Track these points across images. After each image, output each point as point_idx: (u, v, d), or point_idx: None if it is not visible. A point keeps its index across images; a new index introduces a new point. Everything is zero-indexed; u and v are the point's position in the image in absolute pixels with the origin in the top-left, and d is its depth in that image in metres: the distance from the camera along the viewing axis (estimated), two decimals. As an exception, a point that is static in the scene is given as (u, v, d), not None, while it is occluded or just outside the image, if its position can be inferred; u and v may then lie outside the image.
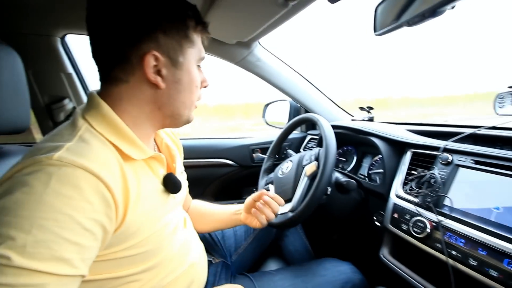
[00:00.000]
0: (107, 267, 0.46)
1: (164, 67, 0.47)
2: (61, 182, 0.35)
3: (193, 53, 0.50)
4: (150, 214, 0.48)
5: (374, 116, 1.24)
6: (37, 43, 0.98)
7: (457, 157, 0.69)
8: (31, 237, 0.32)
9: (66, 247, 0.34)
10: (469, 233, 0.57)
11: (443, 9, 0.44)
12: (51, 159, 0.36)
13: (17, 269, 0.31)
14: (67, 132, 0.43)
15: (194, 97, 0.53)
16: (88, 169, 0.37)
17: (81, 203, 0.36)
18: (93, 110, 0.46)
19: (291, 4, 0.67)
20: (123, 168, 0.43)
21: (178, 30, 0.47)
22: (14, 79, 0.65)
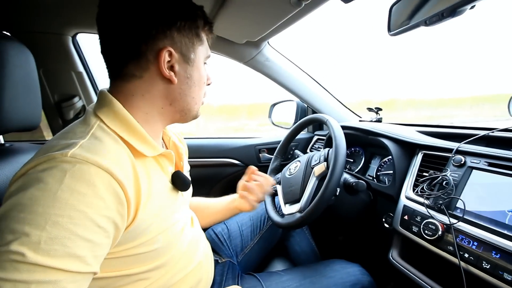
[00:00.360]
0: (118, 265, 0.46)
1: (177, 63, 0.49)
2: (75, 179, 0.35)
3: (202, 51, 0.54)
4: (160, 211, 0.49)
5: (382, 118, 1.23)
6: (49, 42, 1.00)
7: (470, 159, 0.68)
8: (45, 233, 0.32)
9: (79, 244, 0.34)
10: (482, 235, 0.57)
11: (463, 8, 0.43)
12: (65, 155, 0.37)
13: (31, 265, 0.31)
14: (79, 129, 0.44)
15: (202, 93, 0.57)
16: (102, 165, 0.37)
17: (95, 199, 0.36)
18: (105, 108, 0.47)
19: (304, 3, 0.67)
20: (135, 165, 0.44)
21: (190, 28, 0.50)
22: (27, 77, 0.66)
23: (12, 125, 0.62)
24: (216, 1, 0.79)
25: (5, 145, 0.70)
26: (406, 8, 0.59)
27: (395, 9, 0.61)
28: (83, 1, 0.83)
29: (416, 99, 8.00)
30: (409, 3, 0.57)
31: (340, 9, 5.68)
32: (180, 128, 0.63)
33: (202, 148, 1.33)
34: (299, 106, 1.42)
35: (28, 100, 0.67)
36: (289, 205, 0.85)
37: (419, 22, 0.52)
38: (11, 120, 0.61)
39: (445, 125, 0.97)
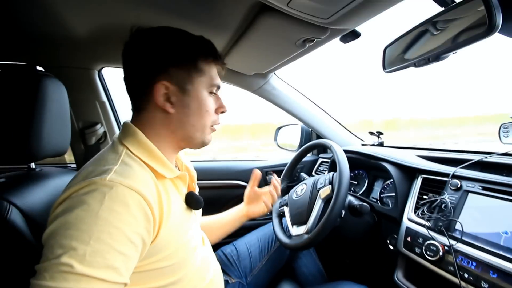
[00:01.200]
0: (140, 279, 0.51)
1: (173, 94, 0.54)
2: (113, 200, 0.41)
3: (203, 81, 0.57)
4: (178, 228, 0.54)
5: (383, 141, 1.29)
6: (78, 75, 1.09)
7: (466, 183, 0.72)
8: (89, 247, 0.37)
9: (116, 257, 0.39)
10: (480, 256, 0.60)
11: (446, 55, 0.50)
12: (104, 180, 0.43)
13: (78, 275, 0.36)
14: (110, 157, 0.50)
15: (205, 121, 0.58)
16: (133, 188, 0.43)
17: (129, 218, 0.41)
18: (130, 137, 0.54)
19: (308, 45, 0.75)
20: (158, 187, 0.50)
21: (187, 63, 0.55)
22: (61, 109, 0.74)
23: (46, 153, 0.69)
24: (230, 40, 0.88)
25: (36, 169, 0.76)
26: (398, 49, 0.67)
27: (388, 50, 0.69)
28: (110, 38, 0.92)
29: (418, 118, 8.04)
30: (400, 45, 0.66)
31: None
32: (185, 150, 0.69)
33: (211, 171, 1.39)
34: (304, 130, 1.49)
35: (61, 130, 0.74)
36: (296, 226, 0.89)
37: (409, 63, 0.60)
38: (46, 149, 0.68)
39: (442, 149, 1.02)
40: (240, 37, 0.82)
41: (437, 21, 0.57)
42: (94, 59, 1.07)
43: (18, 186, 0.64)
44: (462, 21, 0.53)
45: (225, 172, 1.40)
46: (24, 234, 0.56)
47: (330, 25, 0.63)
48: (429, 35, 0.60)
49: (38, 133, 0.65)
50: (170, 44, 0.55)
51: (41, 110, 0.66)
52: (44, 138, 0.67)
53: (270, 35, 0.75)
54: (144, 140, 0.54)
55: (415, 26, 0.61)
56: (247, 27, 0.75)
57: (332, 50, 23.88)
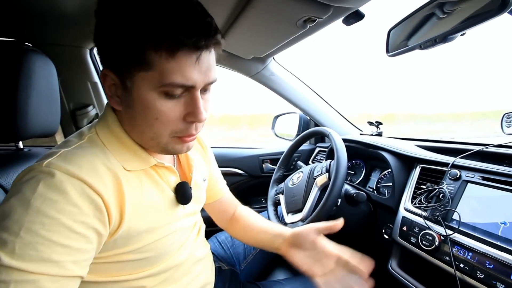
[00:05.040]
0: (109, 270, 0.47)
1: (118, 88, 0.43)
2: (47, 187, 0.36)
3: (148, 78, 0.40)
4: (153, 221, 0.48)
5: (382, 131, 1.27)
6: (68, 54, 1.06)
7: (465, 173, 0.71)
8: (19, 239, 0.33)
9: (54, 249, 0.35)
10: (477, 247, 0.59)
11: (454, 36, 0.48)
12: (41, 166, 0.38)
13: (8, 268, 0.33)
14: (73, 139, 0.45)
15: (158, 130, 0.44)
16: (73, 174, 0.38)
17: (67, 206, 0.37)
18: (102, 120, 0.48)
19: (309, 25, 0.72)
20: (119, 175, 0.44)
21: (126, 51, 0.39)
22: (50, 87, 0.71)
23: (34, 132, 0.66)
24: (227, 19, 0.84)
25: (23, 149, 0.74)
26: (403, 32, 0.64)
27: (393, 32, 0.66)
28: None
29: (416, 113, 8.06)
30: (406, 28, 0.63)
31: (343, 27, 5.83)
32: None
33: None
34: (302, 118, 1.46)
35: (49, 108, 0.71)
36: (291, 214, 0.88)
37: (415, 45, 0.57)
38: (33, 127, 0.66)
39: (442, 140, 1.01)
40: (237, 17, 0.79)
41: (444, 1, 0.55)
42: (86, 37, 1.03)
43: (4, 165, 0.62)
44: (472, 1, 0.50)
45: (220, 159, 1.38)
46: None
47: (333, 2, 0.60)
48: (436, 16, 0.57)
49: (24, 110, 0.62)
50: (122, 22, 0.38)
51: (26, 85, 0.63)
52: (31, 116, 0.64)
53: (269, 14, 0.72)
54: (113, 126, 0.47)
55: (421, 6, 0.58)
56: (245, 6, 0.71)
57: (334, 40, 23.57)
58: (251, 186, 1.44)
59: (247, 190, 1.44)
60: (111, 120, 0.47)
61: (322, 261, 0.58)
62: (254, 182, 1.43)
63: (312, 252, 0.60)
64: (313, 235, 0.60)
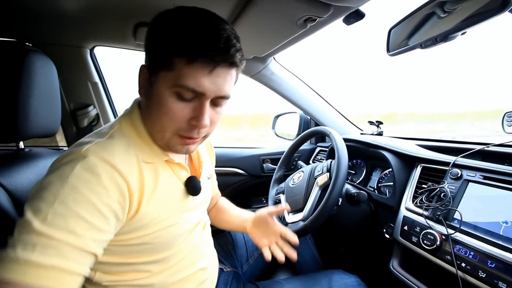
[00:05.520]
0: (121, 252, 0.51)
1: (147, 81, 0.50)
2: (84, 169, 0.42)
3: (167, 77, 0.46)
4: (164, 210, 0.53)
5: (383, 131, 1.27)
6: (69, 54, 1.05)
7: (466, 172, 0.71)
8: (52, 209, 0.39)
9: (79, 223, 0.40)
10: (478, 246, 0.59)
11: (455, 35, 0.48)
12: (80, 151, 0.44)
13: (38, 232, 0.37)
14: (104, 131, 0.52)
15: (164, 124, 0.49)
16: (107, 161, 0.44)
17: (98, 187, 0.42)
18: (127, 115, 0.55)
19: (310, 25, 0.72)
20: (141, 166, 0.50)
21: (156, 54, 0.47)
22: (50, 87, 0.71)
23: (35, 132, 0.66)
24: (227, 19, 0.84)
25: (25, 150, 0.74)
26: (404, 32, 0.64)
27: (393, 31, 0.66)
28: (102, 16, 0.88)
29: (416, 112, 8.05)
30: (406, 27, 0.63)
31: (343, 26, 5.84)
32: None
33: None
34: (302, 118, 1.46)
35: (50, 108, 0.71)
36: (292, 214, 0.88)
37: (415, 44, 0.57)
38: (34, 127, 0.66)
39: (443, 139, 1.01)
40: (237, 16, 0.79)
41: (445, 0, 0.54)
42: (86, 37, 1.03)
43: (5, 165, 0.62)
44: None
45: (221, 159, 1.38)
46: (8, 214, 0.54)
47: (333, 1, 0.60)
48: (436, 15, 0.57)
49: (25, 110, 0.62)
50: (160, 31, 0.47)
51: (27, 85, 0.63)
52: (32, 116, 0.64)
53: (269, 14, 0.72)
54: (135, 121, 0.53)
55: (421, 5, 0.58)
56: (245, 5, 0.71)
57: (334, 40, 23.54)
58: (251, 186, 1.44)
59: (247, 190, 1.44)
60: (135, 115, 0.54)
61: (270, 235, 0.76)
62: (254, 182, 1.43)
63: (264, 229, 0.77)
64: (266, 216, 0.77)
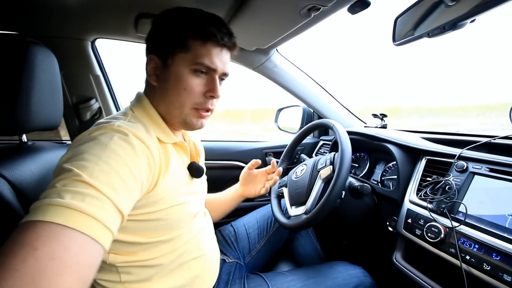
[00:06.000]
0: (134, 229, 0.54)
1: (159, 68, 0.58)
2: (120, 138, 0.46)
3: (185, 58, 0.56)
4: (175, 188, 0.58)
5: (387, 124, 1.26)
6: (71, 46, 1.05)
7: (472, 164, 0.70)
8: (98, 166, 0.41)
9: (118, 181, 0.43)
10: (483, 238, 0.59)
11: (463, 22, 0.46)
12: (113, 125, 0.49)
13: (87, 184, 0.39)
14: (120, 116, 0.56)
15: (184, 100, 0.58)
16: (137, 135, 0.49)
17: (133, 155, 0.46)
18: (137, 103, 0.61)
19: (313, 14, 0.70)
20: (159, 145, 0.55)
21: (173, 39, 0.57)
22: (51, 79, 0.71)
23: (36, 125, 0.66)
24: (229, 11, 0.83)
25: (28, 143, 0.74)
26: (410, 20, 0.62)
27: (400, 20, 0.64)
28: (103, 8, 0.88)
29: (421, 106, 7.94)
30: (413, 15, 0.61)
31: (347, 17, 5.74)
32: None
33: (210, 151, 1.36)
34: (305, 111, 1.45)
35: (51, 101, 0.71)
36: (295, 207, 0.87)
37: (422, 33, 0.55)
38: (36, 120, 0.66)
39: (448, 132, 0.99)
40: (240, 6, 0.77)
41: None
42: (87, 29, 1.02)
43: (8, 158, 0.62)
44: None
45: (224, 152, 1.38)
46: (12, 206, 0.55)
47: (338, -11, 0.58)
48: (444, 3, 0.55)
49: (26, 103, 0.62)
50: (164, 23, 0.58)
51: (29, 78, 0.63)
52: (33, 109, 0.64)
53: (272, 3, 0.70)
54: (147, 106, 0.60)
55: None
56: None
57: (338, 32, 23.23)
58: None
59: (250, 183, 1.44)
60: (145, 102, 0.60)
61: (259, 181, 0.95)
62: None
63: (252, 181, 0.95)
64: (247, 172, 0.95)
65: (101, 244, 0.38)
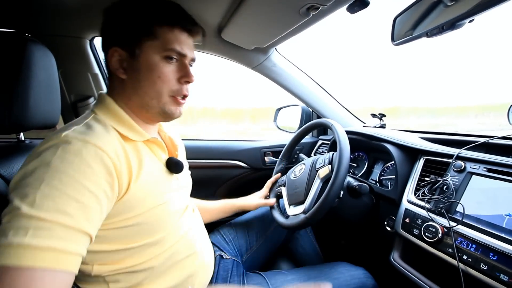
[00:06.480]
0: (118, 237, 0.52)
1: (125, 60, 0.55)
2: (66, 151, 0.43)
3: (154, 45, 0.54)
4: (153, 188, 0.55)
5: (385, 124, 1.26)
6: (68, 44, 1.04)
7: (470, 164, 0.70)
8: (39, 192, 0.39)
9: (69, 203, 0.40)
10: (481, 238, 0.59)
11: (462, 22, 0.46)
12: (60, 136, 0.45)
13: (28, 216, 0.37)
14: (79, 121, 0.53)
15: (159, 88, 0.56)
16: (88, 141, 0.45)
17: (82, 166, 0.43)
18: (100, 104, 0.57)
19: (312, 13, 0.70)
20: (125, 147, 0.51)
21: (138, 28, 0.54)
22: (49, 78, 0.70)
23: (34, 123, 0.66)
24: (228, 9, 0.82)
25: (25, 141, 0.74)
26: (409, 20, 0.62)
27: (398, 20, 0.64)
28: (102, 5, 0.87)
29: (419, 106, 7.96)
30: (412, 15, 0.61)
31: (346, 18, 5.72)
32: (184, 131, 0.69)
33: (208, 150, 1.36)
34: (304, 111, 1.45)
35: (49, 100, 0.71)
36: (293, 206, 0.88)
37: (421, 33, 0.55)
38: (34, 119, 0.65)
39: (446, 132, 0.99)
40: (239, 5, 0.77)
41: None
42: (85, 27, 1.01)
43: (5, 156, 0.62)
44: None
45: (222, 151, 1.38)
46: None
47: (337, -11, 0.58)
48: (443, 3, 0.55)
49: (24, 101, 0.62)
50: (124, 13, 0.56)
51: (26, 76, 0.62)
52: (31, 107, 0.64)
53: (271, 2, 0.70)
54: (111, 106, 0.56)
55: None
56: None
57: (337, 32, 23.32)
58: (253, 179, 1.43)
59: (249, 183, 1.44)
60: (108, 102, 0.57)
61: None
62: (256, 175, 1.42)
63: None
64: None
65: (63, 271, 0.38)
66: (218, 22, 0.93)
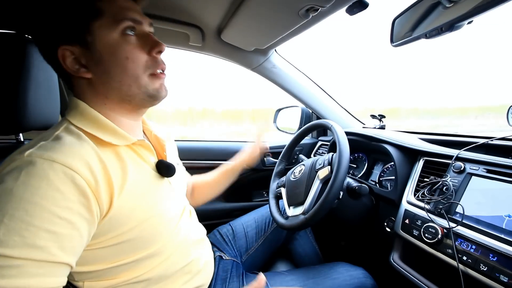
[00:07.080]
0: (109, 255, 0.48)
1: (80, 55, 0.47)
2: (29, 175, 0.37)
3: (105, 24, 0.46)
4: (143, 198, 0.50)
5: (385, 125, 1.26)
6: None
7: (469, 165, 0.70)
8: (3, 226, 0.34)
9: (38, 235, 0.36)
10: (480, 239, 0.59)
11: (461, 24, 0.46)
12: (23, 156, 0.39)
13: None
14: (47, 133, 0.46)
15: (133, 70, 0.49)
16: (55, 159, 0.39)
17: (49, 192, 0.37)
18: (73, 110, 0.50)
19: (312, 15, 0.70)
20: (101, 157, 0.45)
21: (80, 12, 0.45)
22: (48, 79, 0.70)
23: (33, 124, 0.66)
24: (228, 11, 0.83)
25: (24, 142, 0.74)
26: (408, 21, 0.62)
27: (397, 22, 0.64)
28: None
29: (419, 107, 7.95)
30: (411, 16, 0.61)
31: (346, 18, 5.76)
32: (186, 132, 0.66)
33: (208, 151, 1.36)
34: (304, 112, 1.45)
35: (48, 100, 0.71)
36: (293, 207, 0.87)
37: (420, 35, 0.55)
38: (33, 119, 0.65)
39: (446, 133, 0.99)
40: (238, 7, 0.77)
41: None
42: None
43: (4, 157, 0.61)
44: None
45: (222, 152, 1.37)
46: None
47: (336, -10, 0.58)
48: (442, 5, 0.55)
49: (23, 101, 0.62)
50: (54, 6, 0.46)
51: (26, 77, 0.62)
52: (30, 108, 0.64)
53: (271, 3, 0.70)
54: (87, 110, 0.49)
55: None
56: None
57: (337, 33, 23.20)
58: (252, 180, 1.43)
59: (248, 184, 1.44)
60: (82, 107, 0.49)
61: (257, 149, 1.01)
62: (255, 176, 1.42)
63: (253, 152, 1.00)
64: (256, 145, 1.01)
65: None
66: (218, 24, 0.93)
